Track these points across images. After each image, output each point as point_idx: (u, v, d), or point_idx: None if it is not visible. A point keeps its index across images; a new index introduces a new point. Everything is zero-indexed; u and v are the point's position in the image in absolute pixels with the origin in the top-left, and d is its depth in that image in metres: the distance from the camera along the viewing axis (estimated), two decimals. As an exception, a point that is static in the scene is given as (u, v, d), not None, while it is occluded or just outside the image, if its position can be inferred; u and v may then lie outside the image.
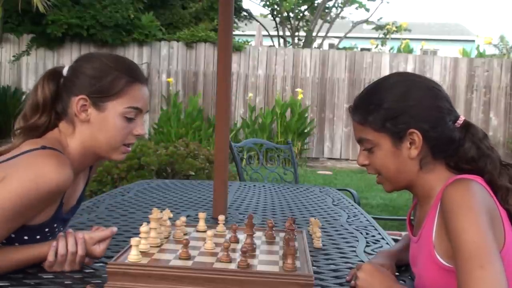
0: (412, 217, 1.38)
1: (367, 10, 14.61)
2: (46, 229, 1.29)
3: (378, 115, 1.20)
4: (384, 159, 1.22)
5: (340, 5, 14.61)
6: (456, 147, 1.20)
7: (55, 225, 1.32)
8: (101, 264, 1.35)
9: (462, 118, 1.23)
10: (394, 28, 14.41)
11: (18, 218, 1.20)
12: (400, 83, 1.24)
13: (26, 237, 1.26)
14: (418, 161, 1.20)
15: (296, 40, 14.46)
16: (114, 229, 1.35)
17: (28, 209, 1.20)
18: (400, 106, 1.19)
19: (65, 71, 1.37)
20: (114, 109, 1.33)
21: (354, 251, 1.65)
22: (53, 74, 1.37)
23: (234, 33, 2.60)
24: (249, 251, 1.22)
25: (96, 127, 1.33)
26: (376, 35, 15.40)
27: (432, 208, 1.19)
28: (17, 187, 1.16)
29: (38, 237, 1.28)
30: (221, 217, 1.47)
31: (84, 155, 1.36)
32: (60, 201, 1.31)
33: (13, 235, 1.23)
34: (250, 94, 9.95)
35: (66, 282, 1.21)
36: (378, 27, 14.85)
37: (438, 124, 1.19)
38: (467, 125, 1.23)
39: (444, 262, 1.12)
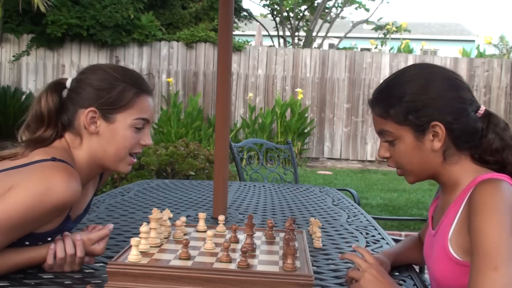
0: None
1: (367, 10, 14.60)
2: (49, 239, 1.28)
3: (400, 108, 1.19)
4: (406, 152, 1.21)
5: (340, 5, 14.60)
6: (480, 137, 1.19)
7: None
8: (101, 264, 1.35)
9: (483, 108, 1.21)
10: (394, 28, 14.40)
11: (22, 229, 1.19)
12: (420, 75, 1.22)
13: (27, 243, 1.26)
14: (441, 152, 1.19)
15: (296, 40, 14.46)
16: (111, 225, 1.34)
17: (33, 220, 1.19)
18: (422, 99, 1.18)
19: (68, 83, 1.37)
20: (123, 120, 1.33)
21: (354, 251, 1.65)
22: (57, 86, 1.37)
23: (234, 33, 2.60)
24: (249, 251, 1.22)
25: (105, 139, 1.33)
26: (376, 35, 15.40)
27: (455, 203, 1.18)
28: (25, 199, 1.15)
29: (40, 243, 1.28)
30: (221, 217, 1.47)
31: (90, 167, 1.36)
32: (67, 213, 1.31)
33: (15, 240, 1.23)
34: (250, 94, 9.95)
35: (66, 282, 1.21)
36: (378, 27, 14.85)
37: (461, 115, 1.17)
38: (488, 114, 1.22)
39: (457, 257, 1.12)
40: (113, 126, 1.33)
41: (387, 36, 14.41)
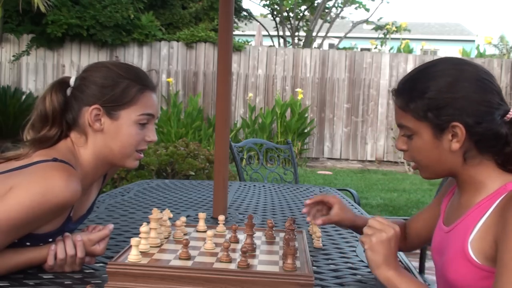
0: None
1: (367, 10, 14.60)
2: (50, 239, 1.28)
3: (421, 104, 1.14)
4: (424, 149, 1.18)
5: (340, 5, 14.60)
6: (503, 143, 1.13)
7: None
8: (101, 264, 1.35)
9: None
10: (394, 28, 14.40)
11: (22, 229, 1.19)
12: (449, 71, 1.16)
13: (28, 243, 1.26)
14: (461, 153, 1.15)
15: (296, 40, 14.46)
16: (111, 226, 1.34)
17: (33, 221, 1.19)
18: (444, 98, 1.13)
19: (72, 81, 1.37)
20: (127, 117, 1.33)
21: (354, 251, 1.65)
22: (61, 85, 1.37)
23: (234, 33, 2.60)
24: (249, 251, 1.22)
25: (110, 136, 1.33)
26: (376, 35, 15.40)
27: (479, 206, 1.14)
28: (25, 199, 1.15)
29: (41, 244, 1.27)
30: (221, 217, 1.47)
31: (97, 165, 1.36)
32: (68, 214, 1.31)
33: (15, 240, 1.23)
34: (250, 94, 9.96)
35: (66, 282, 1.21)
36: (378, 27, 14.85)
37: (483, 119, 1.12)
38: None
39: (477, 261, 1.09)
40: (118, 123, 1.33)
41: (387, 36, 14.41)
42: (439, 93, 1.14)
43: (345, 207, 1.49)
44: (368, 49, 13.85)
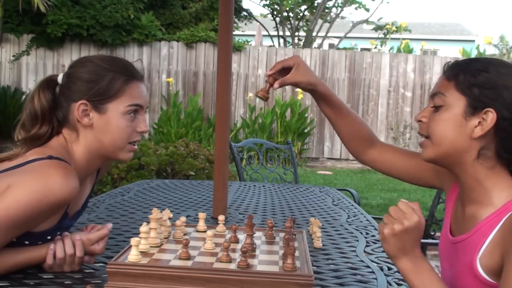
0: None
1: (367, 10, 14.61)
2: (49, 237, 1.28)
3: (470, 78, 1.13)
4: (447, 122, 1.15)
5: (340, 5, 14.60)
6: None
7: (58, 233, 1.32)
8: (101, 264, 1.35)
9: None
10: (394, 28, 14.40)
11: (21, 227, 1.19)
12: (510, 65, 1.15)
13: (27, 242, 1.26)
14: (478, 147, 1.13)
15: (296, 40, 14.46)
16: (110, 225, 1.35)
17: (32, 219, 1.19)
18: (496, 81, 1.11)
19: (60, 79, 1.37)
20: (115, 109, 1.33)
21: (354, 251, 1.65)
22: (48, 83, 1.37)
23: (234, 33, 2.60)
24: (249, 251, 1.22)
25: (100, 130, 1.33)
26: (376, 35, 15.40)
27: (487, 221, 1.11)
28: (23, 197, 1.16)
29: (39, 242, 1.28)
30: (221, 217, 1.47)
31: (90, 160, 1.36)
32: (65, 210, 1.31)
33: (14, 239, 1.23)
34: (250, 94, 9.95)
35: (66, 282, 1.21)
36: (378, 27, 14.85)
37: None
38: None
39: (486, 277, 1.08)
40: (106, 116, 1.33)
41: (387, 36, 14.41)
42: (493, 76, 1.12)
43: (305, 69, 1.43)
44: (368, 49, 13.85)
